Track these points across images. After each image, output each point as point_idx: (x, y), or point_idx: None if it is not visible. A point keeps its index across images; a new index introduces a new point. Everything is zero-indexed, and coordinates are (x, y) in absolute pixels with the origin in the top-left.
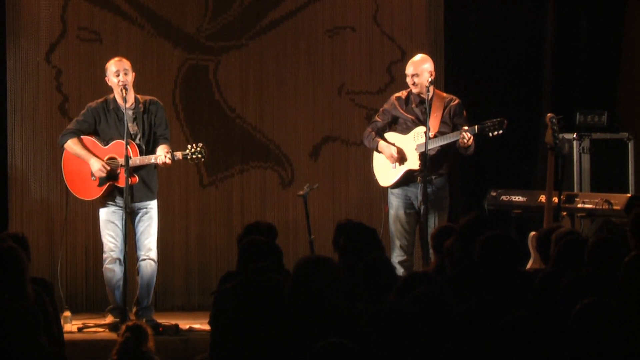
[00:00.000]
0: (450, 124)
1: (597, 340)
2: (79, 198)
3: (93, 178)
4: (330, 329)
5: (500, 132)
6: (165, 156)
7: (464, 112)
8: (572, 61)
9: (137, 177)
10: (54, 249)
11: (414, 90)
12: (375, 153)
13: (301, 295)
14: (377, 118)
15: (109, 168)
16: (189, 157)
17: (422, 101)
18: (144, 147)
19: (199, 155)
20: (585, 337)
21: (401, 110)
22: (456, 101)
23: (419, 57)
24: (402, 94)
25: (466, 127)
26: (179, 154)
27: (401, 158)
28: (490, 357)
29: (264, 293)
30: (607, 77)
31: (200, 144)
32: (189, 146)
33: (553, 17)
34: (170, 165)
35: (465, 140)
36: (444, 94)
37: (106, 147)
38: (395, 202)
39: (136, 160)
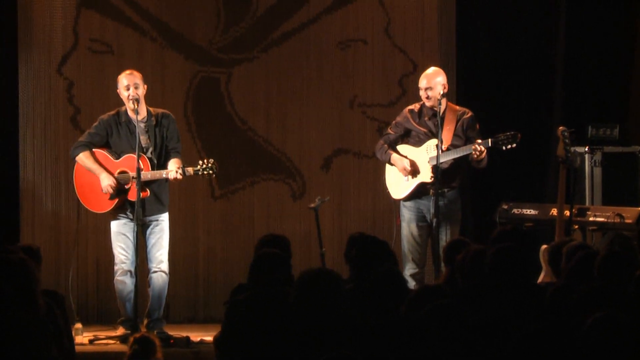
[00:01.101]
0: (463, 137)
1: (607, 353)
2: (91, 210)
3: (104, 191)
4: (336, 341)
5: (514, 145)
6: (177, 171)
7: (477, 125)
8: (583, 74)
9: (148, 190)
10: (66, 260)
11: (427, 103)
12: (387, 166)
13: (304, 308)
14: (389, 130)
15: (116, 185)
16: (200, 172)
17: (434, 114)
18: (155, 160)
19: (210, 172)
20: (596, 350)
21: (414, 123)
22: (469, 114)
23: (432, 70)
24: (415, 106)
25: (479, 141)
26: (190, 170)
27: (414, 171)
28: None
29: (274, 305)
30: (619, 91)
31: (211, 160)
32: (200, 162)
33: (564, 30)
34: (181, 181)
35: (478, 154)
36: (457, 107)
37: (117, 160)
38: (407, 215)
39: (147, 174)
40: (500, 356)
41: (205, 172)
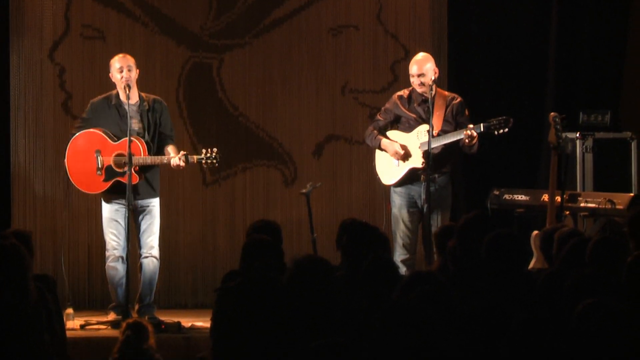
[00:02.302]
0: (453, 122)
1: (598, 340)
2: (83, 192)
3: (99, 173)
4: (327, 328)
5: (506, 130)
6: (180, 159)
7: (467, 111)
8: (575, 60)
9: (140, 175)
10: (57, 246)
11: (420, 90)
12: (377, 152)
13: (296, 294)
14: (379, 117)
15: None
16: (203, 161)
17: (424, 100)
18: (151, 144)
19: (214, 161)
20: (587, 337)
21: (404, 109)
22: (458, 99)
23: (421, 55)
24: (404, 92)
25: (471, 126)
26: (194, 158)
27: (405, 155)
28: (495, 356)
29: (265, 292)
30: (611, 77)
31: (215, 149)
32: (204, 150)
33: (557, 16)
34: (183, 168)
35: (469, 139)
36: (446, 93)
37: (115, 143)
38: (398, 201)
39: (147, 159)
40: (493, 342)
41: (209, 162)
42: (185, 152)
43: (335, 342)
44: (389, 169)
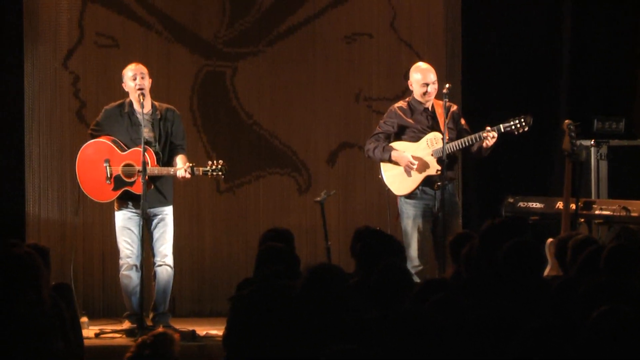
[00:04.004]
0: (455, 129)
1: (612, 347)
2: (93, 200)
3: (108, 182)
4: (340, 336)
5: (527, 129)
6: (186, 170)
7: (462, 118)
8: (589, 68)
9: (150, 184)
10: (70, 254)
11: (425, 98)
12: (383, 164)
13: (309, 302)
14: (378, 130)
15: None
16: (209, 173)
17: (425, 109)
18: (160, 154)
19: (220, 173)
20: (601, 344)
21: (408, 119)
22: (455, 107)
23: (427, 65)
24: (402, 104)
25: (488, 128)
26: (199, 170)
27: (420, 165)
28: None
29: (279, 300)
30: (624, 84)
31: (221, 161)
32: (210, 162)
33: (570, 23)
34: (189, 180)
35: (489, 141)
36: (440, 101)
37: (124, 153)
38: (412, 211)
39: (154, 170)
40: (506, 350)
41: (214, 174)
42: (191, 164)
43: (350, 349)
44: (402, 180)
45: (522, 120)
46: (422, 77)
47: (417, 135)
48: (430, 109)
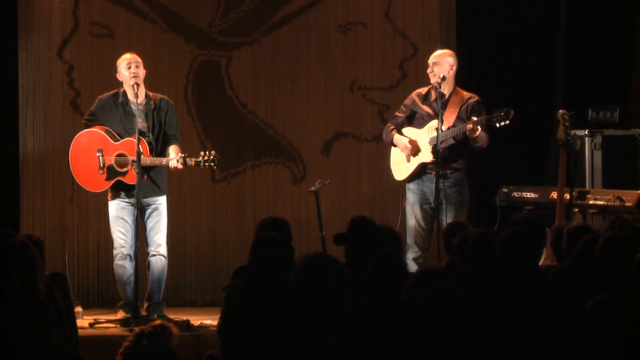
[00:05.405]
0: (467, 120)
1: (607, 337)
2: (86, 190)
3: (101, 172)
4: (336, 326)
5: (507, 122)
6: (178, 161)
7: (483, 111)
8: (584, 57)
9: (143, 174)
10: (66, 244)
11: (432, 80)
12: (392, 148)
13: (304, 292)
14: (397, 114)
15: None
16: (201, 164)
17: (441, 95)
18: (154, 144)
19: (212, 164)
20: (596, 334)
21: (420, 104)
22: (475, 98)
23: (443, 50)
24: (423, 89)
25: (474, 119)
26: (192, 161)
27: (414, 150)
28: (504, 354)
29: (273, 289)
30: (620, 73)
31: (213, 152)
32: (202, 153)
33: (565, 13)
34: (181, 170)
35: (470, 132)
36: (465, 92)
37: (117, 143)
38: (411, 198)
39: (147, 160)
40: (502, 340)
41: (206, 164)
42: (183, 155)
43: (354, 340)
44: (400, 165)
45: (503, 113)
46: (429, 58)
47: (424, 122)
48: (448, 96)
